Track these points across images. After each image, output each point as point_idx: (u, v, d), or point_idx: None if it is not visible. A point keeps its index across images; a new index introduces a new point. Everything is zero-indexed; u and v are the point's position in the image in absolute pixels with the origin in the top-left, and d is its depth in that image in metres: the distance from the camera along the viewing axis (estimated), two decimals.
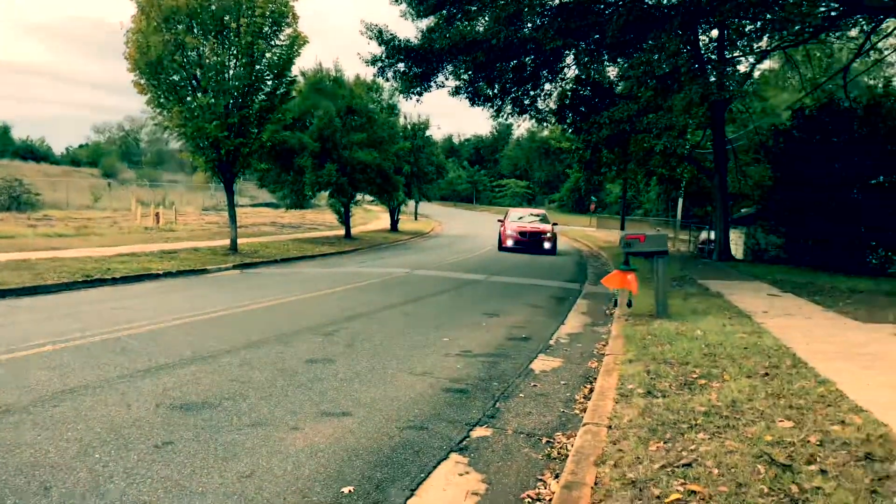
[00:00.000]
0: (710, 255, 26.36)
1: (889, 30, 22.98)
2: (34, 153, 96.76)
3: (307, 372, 6.16)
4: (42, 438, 4.19)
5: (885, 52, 28.23)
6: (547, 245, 26.57)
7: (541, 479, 4.10)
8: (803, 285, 15.22)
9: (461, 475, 4.10)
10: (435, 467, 4.18)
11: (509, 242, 26.79)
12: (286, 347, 7.11)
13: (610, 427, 4.66)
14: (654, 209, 61.88)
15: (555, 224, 28.71)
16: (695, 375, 6.07)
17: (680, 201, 46.09)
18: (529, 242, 26.57)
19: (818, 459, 3.89)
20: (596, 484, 3.67)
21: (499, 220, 29.78)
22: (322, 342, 7.51)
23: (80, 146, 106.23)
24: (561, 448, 4.65)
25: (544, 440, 4.82)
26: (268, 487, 3.69)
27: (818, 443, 4.17)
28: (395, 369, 6.48)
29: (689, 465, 3.86)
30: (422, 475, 4.03)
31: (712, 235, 28.61)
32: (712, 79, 16.29)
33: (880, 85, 34.28)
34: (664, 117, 15.91)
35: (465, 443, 4.65)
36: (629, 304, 10.44)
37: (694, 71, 18.86)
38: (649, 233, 9.79)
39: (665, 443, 4.28)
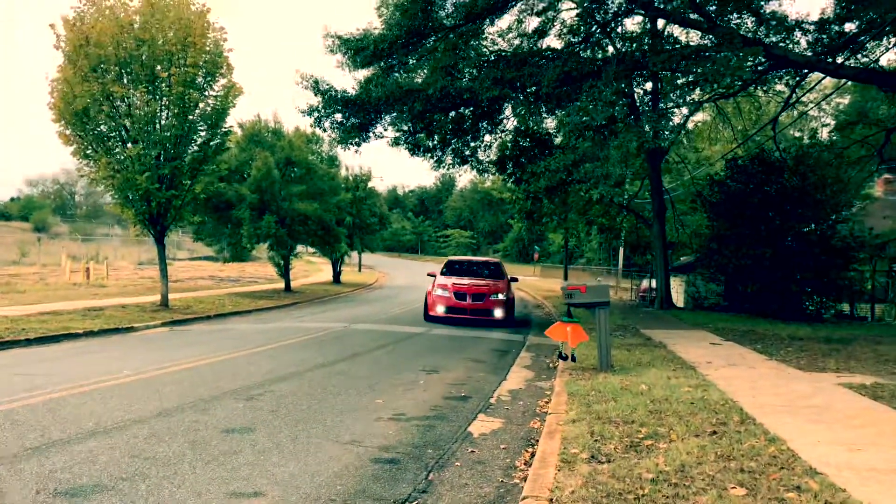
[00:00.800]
0: (652, 303, 26.50)
1: (812, 84, 23.92)
2: None
3: (222, 444, 5.59)
4: None
5: (809, 106, 29.43)
6: (498, 312, 17.71)
7: None
8: (744, 333, 15.23)
9: None
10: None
11: (439, 309, 17.68)
12: (202, 415, 6.51)
13: (551, 501, 4.24)
14: (595, 258, 62.72)
15: (513, 279, 19.91)
16: (641, 435, 5.72)
17: (621, 250, 46.76)
18: (471, 309, 17.53)
19: None
20: None
21: (429, 275, 20.11)
22: (243, 408, 6.92)
23: (12, 199, 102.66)
24: None
25: None
26: None
27: None
28: (320, 438, 5.95)
29: None
30: None
31: (653, 283, 28.86)
32: (647, 128, 16.48)
33: (806, 138, 35.72)
34: (601, 166, 15.97)
35: None
36: (573, 359, 10.13)
37: (629, 122, 19.17)
38: (590, 283, 9.56)
39: None
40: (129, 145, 17.61)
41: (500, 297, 17.98)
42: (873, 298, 23.57)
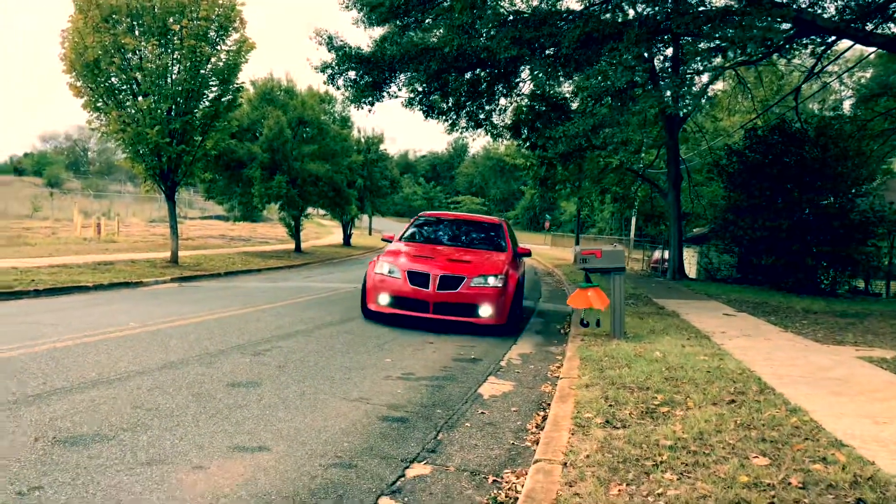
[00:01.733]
0: (664, 274, 26.27)
1: (840, 52, 23.30)
2: None
3: (227, 397, 5.46)
4: None
5: (832, 77, 28.76)
6: (486, 310, 9.90)
7: None
8: (758, 305, 15.01)
9: None
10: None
11: (381, 300, 10.12)
12: (208, 369, 6.38)
13: (565, 465, 4.09)
14: (607, 228, 62.33)
15: (522, 253, 11.84)
16: (657, 402, 5.55)
17: (633, 220, 46.41)
18: (436, 303, 9.86)
19: None
20: None
21: (384, 239, 12.32)
22: (250, 363, 6.79)
23: (25, 155, 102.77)
24: (510, 489, 4.05)
25: (491, 479, 4.22)
26: None
27: (801, 485, 3.66)
28: (327, 394, 5.81)
29: None
30: None
31: (665, 254, 28.63)
32: (667, 93, 16.08)
33: (827, 111, 35.02)
34: (620, 132, 15.61)
35: (398, 483, 4.02)
36: (597, 324, 9.97)
37: (648, 87, 18.74)
38: (606, 248, 9.33)
39: (628, 485, 3.72)
40: (140, 99, 17.37)
41: (492, 281, 9.84)
42: (889, 275, 23.24)
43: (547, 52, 17.41)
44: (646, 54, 18.40)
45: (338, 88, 19.20)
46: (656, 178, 28.90)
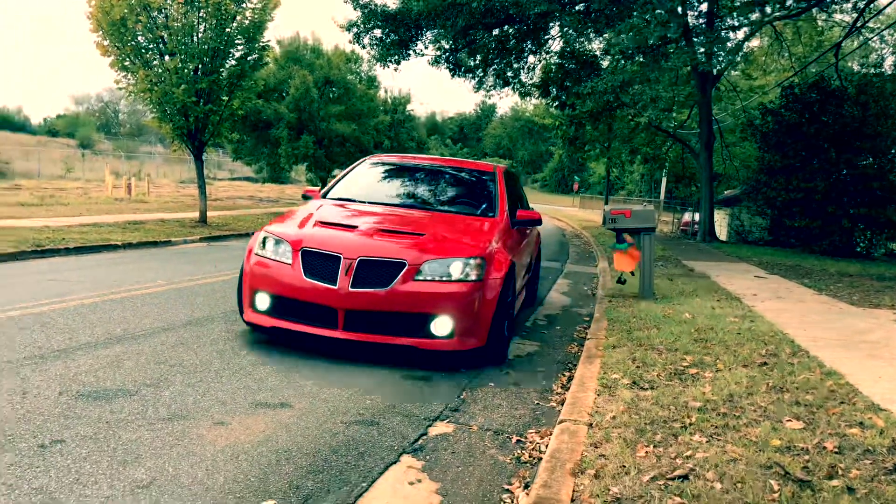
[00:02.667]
0: (694, 236, 25.89)
1: (882, 6, 22.40)
2: (10, 123, 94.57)
3: (250, 355, 5.45)
4: None
5: (872, 35, 27.69)
6: (443, 324, 5.37)
7: (507, 490, 3.43)
8: (791, 268, 14.71)
9: (412, 484, 3.42)
10: (381, 474, 3.50)
11: (260, 302, 5.69)
12: (233, 325, 6.38)
13: (591, 426, 4.00)
14: (637, 190, 61.55)
15: (526, 220, 7.08)
16: (685, 364, 5.43)
17: (663, 182, 45.72)
18: (349, 311, 5.31)
19: (840, 472, 3.25)
20: (573, 501, 3.00)
21: (305, 196, 7.50)
22: None
23: (58, 117, 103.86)
24: (533, 449, 3.98)
25: (514, 439, 4.15)
26: (166, 501, 2.98)
27: (836, 450, 3.54)
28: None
29: (685, 477, 3.21)
30: (363, 484, 3.35)
31: (696, 217, 28.21)
32: (701, 49, 15.60)
33: (868, 68, 33.82)
34: (650, 89, 15.22)
35: (420, 442, 3.97)
36: (620, 281, 9.81)
37: (681, 47, 18.19)
38: (636, 208, 9.13)
39: (655, 447, 3.63)
40: (167, 58, 17.33)
41: (459, 270, 5.48)
42: None
43: (577, 7, 16.98)
44: (679, 9, 17.82)
45: (363, 47, 18.98)
46: (688, 139, 28.32)
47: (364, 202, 6.79)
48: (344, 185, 7.32)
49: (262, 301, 5.68)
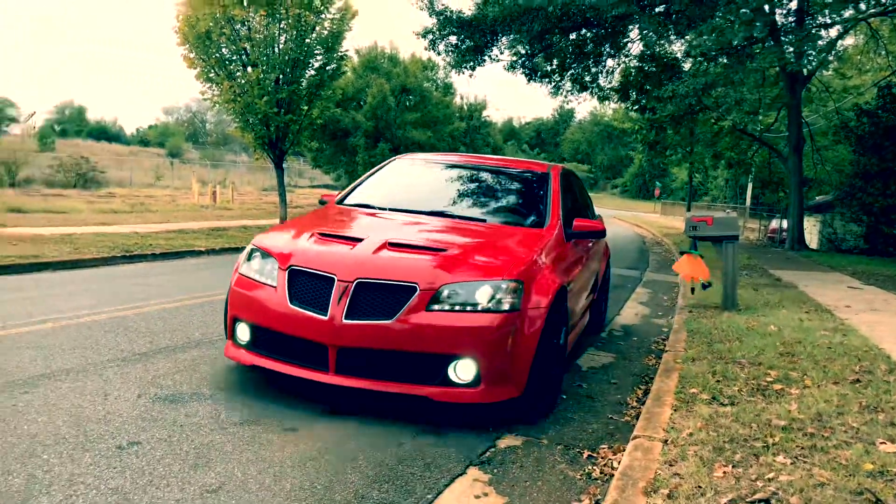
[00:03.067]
0: (782, 243, 24.85)
1: None
2: (106, 134, 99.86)
3: None
4: None
5: None
6: (470, 365, 4.14)
7: None
8: (889, 278, 13.89)
9: (478, 497, 3.34)
10: (447, 485, 3.44)
11: (241, 334, 4.65)
12: None
13: (666, 442, 3.83)
14: (721, 196, 59.62)
15: (585, 232, 5.63)
16: (769, 379, 5.16)
17: (749, 187, 44.16)
18: (342, 349, 4.16)
19: None
20: None
21: (321, 201, 6.40)
22: None
23: (150, 127, 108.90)
24: (605, 465, 3.85)
25: (586, 454, 4.02)
26: None
27: None
28: None
29: (766, 501, 3.01)
30: (428, 496, 3.30)
31: (784, 224, 27.09)
32: (790, 49, 14.95)
33: None
34: (735, 91, 14.67)
35: (488, 454, 3.89)
36: (703, 287, 9.45)
37: (769, 47, 17.49)
38: (718, 215, 8.78)
39: (734, 467, 3.43)
40: (250, 69, 17.89)
41: (486, 296, 4.21)
42: None
43: (657, 9, 16.58)
44: (766, 7, 17.14)
45: (438, 54, 19.08)
46: (775, 142, 27.20)
47: (384, 209, 5.55)
48: (364, 189, 6.15)
49: (243, 332, 4.60)
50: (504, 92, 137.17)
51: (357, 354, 4.15)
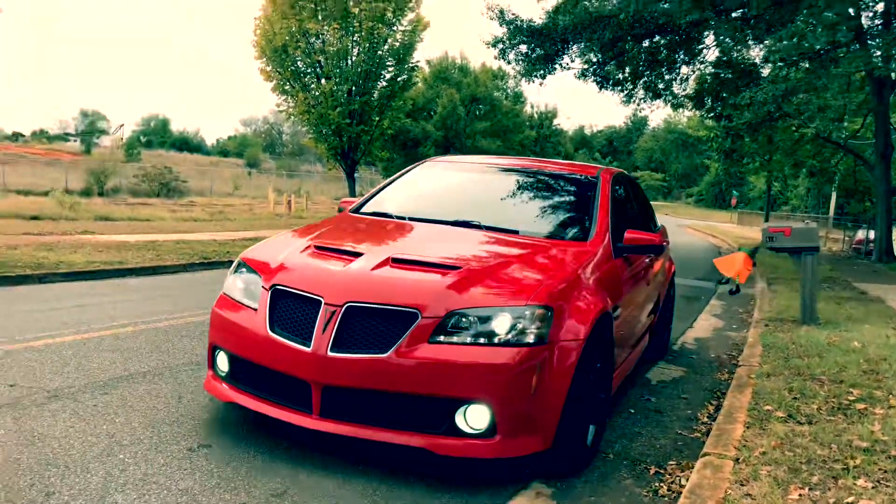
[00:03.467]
0: (868, 255, 23.75)
1: None
2: (188, 144, 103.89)
3: None
4: (73, 431, 3.80)
5: None
6: (483, 411, 3.37)
7: None
8: None
9: None
10: (510, 498, 3.42)
11: (221, 365, 4.07)
12: None
13: (737, 460, 3.71)
14: (801, 205, 57.48)
15: (640, 245, 4.81)
16: (851, 398, 4.93)
17: (833, 197, 42.46)
18: (327, 388, 3.45)
19: None
20: None
21: (341, 209, 5.62)
22: None
23: (229, 138, 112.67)
24: (673, 482, 3.75)
25: (652, 470, 3.93)
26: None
27: None
28: None
29: None
30: None
31: (870, 235, 25.86)
32: (877, 53, 14.31)
33: None
34: (817, 98, 14.12)
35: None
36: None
37: (854, 51, 16.78)
38: (796, 225, 8.46)
39: (811, 489, 3.29)
40: (323, 81, 18.34)
41: (505, 326, 3.44)
42: None
43: (733, 14, 16.14)
44: (851, 10, 16.47)
45: (509, 63, 19.09)
46: (861, 150, 26.03)
47: (402, 218, 4.84)
48: (384, 196, 5.45)
49: (223, 362, 4.01)
50: (576, 100, 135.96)
51: (345, 394, 3.44)
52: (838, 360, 6.10)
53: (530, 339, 3.39)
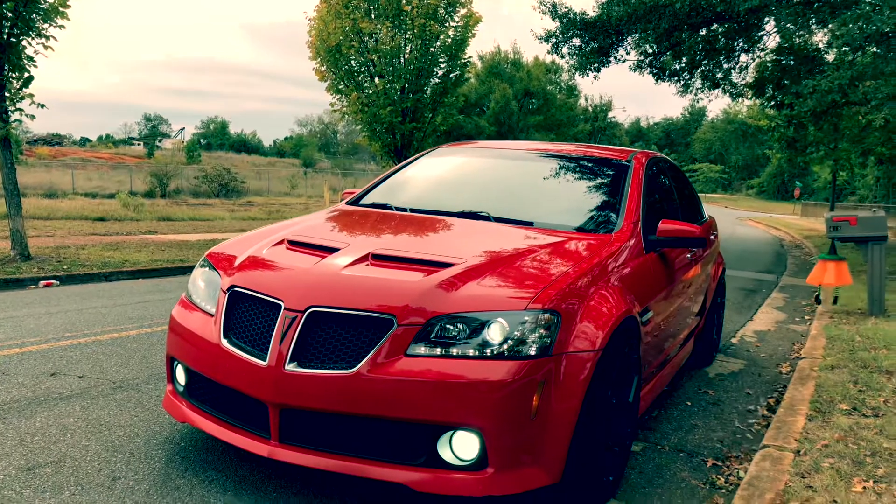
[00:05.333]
0: None
1: None
2: (246, 146, 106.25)
3: None
4: (137, 420, 3.97)
5: None
6: (472, 440, 2.77)
7: None
8: None
9: None
10: None
11: (179, 378, 3.53)
12: None
13: (798, 452, 3.62)
14: (870, 195, 55.37)
15: (677, 238, 4.05)
16: None
17: None
18: (284, 409, 2.91)
19: None
20: None
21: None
22: None
23: (285, 139, 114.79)
24: (730, 475, 3.68)
25: (710, 463, 3.86)
26: None
27: None
28: None
29: None
30: None
31: None
32: None
33: None
34: (885, 84, 13.56)
35: None
36: (834, 301, 8.86)
37: None
38: (862, 214, 8.17)
39: (876, 482, 3.20)
40: (376, 80, 18.48)
41: (497, 336, 2.83)
42: None
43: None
44: None
45: (562, 57, 18.86)
46: None
47: (403, 210, 4.32)
48: (387, 186, 4.90)
49: (181, 376, 3.50)
50: (632, 91, 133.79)
51: (307, 418, 2.89)
52: None
53: (532, 350, 2.80)
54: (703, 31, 18.31)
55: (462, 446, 2.77)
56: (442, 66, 19.11)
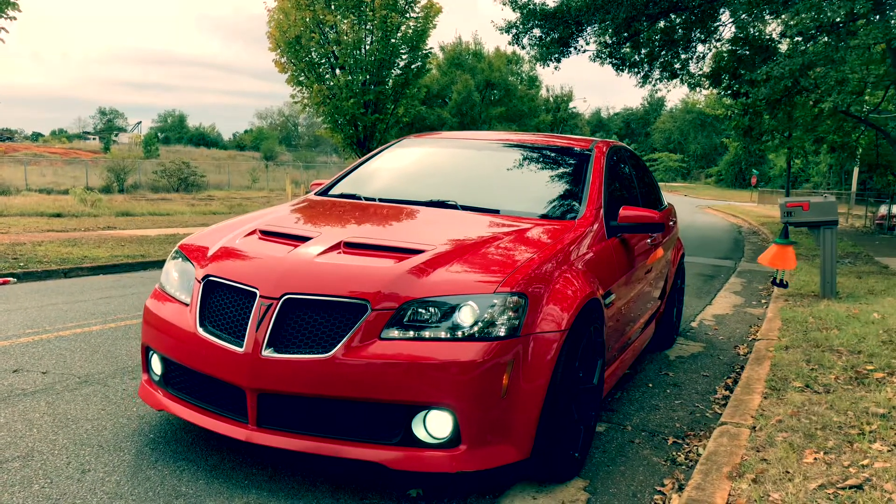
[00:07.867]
0: (891, 230, 23.50)
1: None
2: (205, 139, 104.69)
3: None
4: (104, 414, 3.95)
5: None
6: (445, 419, 2.91)
7: (660, 491, 3.31)
8: None
9: (561, 481, 3.38)
10: None
11: (154, 368, 3.61)
12: None
13: (754, 428, 3.76)
14: (823, 182, 56.80)
15: (637, 224, 4.22)
16: (870, 367, 4.95)
17: (855, 172, 41.97)
18: (262, 395, 3.00)
19: None
20: None
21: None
22: None
23: (245, 132, 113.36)
24: (690, 451, 3.81)
25: (671, 441, 3.99)
26: None
27: None
28: None
29: (858, 486, 2.93)
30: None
31: (893, 210, 25.60)
32: None
33: None
34: (835, 71, 13.94)
35: None
36: (783, 285, 9.10)
37: (873, 22, 16.52)
38: (814, 200, 8.43)
39: (826, 453, 3.34)
40: (338, 72, 18.41)
41: (468, 318, 2.96)
42: None
43: None
44: None
45: (523, 48, 18.98)
46: (883, 124, 25.66)
47: (372, 199, 4.43)
48: (354, 177, 5.03)
49: (157, 365, 3.58)
50: (592, 82, 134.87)
51: (284, 401, 2.99)
52: (857, 331, 6.11)
53: (501, 331, 2.93)
54: (662, 23, 18.58)
55: (436, 425, 2.91)
56: (403, 57, 19.12)
